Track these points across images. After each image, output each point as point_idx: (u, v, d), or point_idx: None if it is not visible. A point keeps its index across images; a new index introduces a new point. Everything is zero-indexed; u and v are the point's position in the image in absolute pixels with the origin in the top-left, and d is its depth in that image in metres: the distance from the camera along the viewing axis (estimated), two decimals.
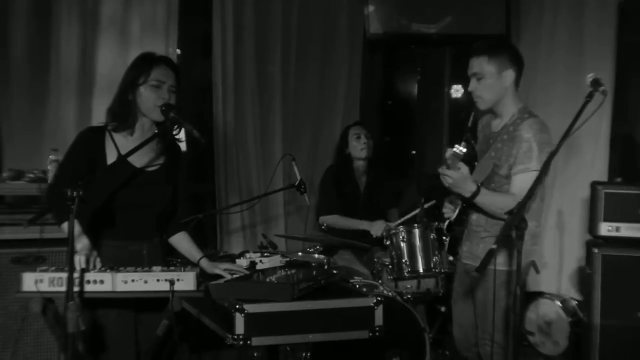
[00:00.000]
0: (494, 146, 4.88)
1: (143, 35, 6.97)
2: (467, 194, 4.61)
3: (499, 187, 4.78)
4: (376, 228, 6.69)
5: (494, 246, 3.88)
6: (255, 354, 5.93)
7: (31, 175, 5.94)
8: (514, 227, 3.84)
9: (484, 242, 4.86)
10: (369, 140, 7.08)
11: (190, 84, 7.93)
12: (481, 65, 4.79)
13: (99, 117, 6.42)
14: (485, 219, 4.86)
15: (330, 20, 8.38)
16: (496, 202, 4.68)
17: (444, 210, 5.06)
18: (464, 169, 4.55)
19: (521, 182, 4.60)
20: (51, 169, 5.95)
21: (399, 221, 6.64)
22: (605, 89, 4.25)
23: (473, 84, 4.85)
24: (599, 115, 4.58)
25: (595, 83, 4.26)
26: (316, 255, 5.91)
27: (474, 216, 4.97)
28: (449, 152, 4.50)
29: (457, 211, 4.95)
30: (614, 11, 7.43)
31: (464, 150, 4.48)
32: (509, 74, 4.76)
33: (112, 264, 3.88)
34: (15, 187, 5.90)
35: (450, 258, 5.91)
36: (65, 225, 3.68)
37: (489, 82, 4.77)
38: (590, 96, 4.22)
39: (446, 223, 5.10)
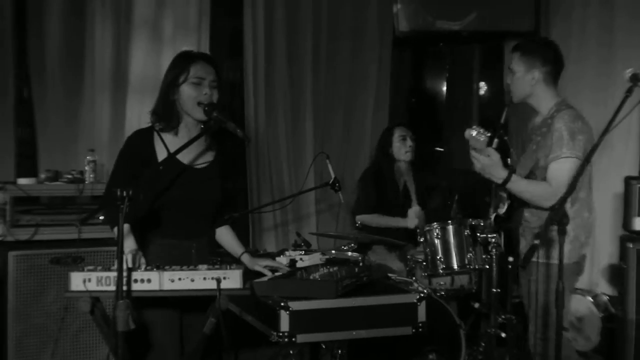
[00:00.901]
0: (535, 140, 5.00)
1: (175, 35, 7.03)
2: (498, 181, 4.73)
3: (541, 179, 4.83)
4: (410, 220, 6.74)
5: (537, 242, 3.92)
6: (291, 351, 5.97)
7: (69, 176, 5.98)
8: (555, 223, 3.86)
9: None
10: (413, 143, 7.09)
11: (224, 79, 7.95)
12: (514, 61, 5.02)
13: (132, 115, 6.58)
14: (537, 217, 4.91)
15: (360, 17, 8.40)
16: (530, 189, 4.81)
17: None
18: (494, 155, 4.69)
19: (554, 170, 4.71)
20: (88, 170, 6.01)
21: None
22: None
23: (508, 78, 5.07)
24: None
25: (635, 78, 4.28)
26: (350, 253, 5.93)
27: (526, 213, 5.03)
28: (467, 133, 4.69)
29: (506, 205, 5.00)
30: None
31: (487, 134, 4.58)
32: (536, 74, 4.92)
33: (161, 263, 3.90)
34: (54, 188, 5.95)
35: (510, 258, 5.85)
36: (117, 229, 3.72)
37: (518, 77, 4.99)
38: (630, 91, 4.24)
39: (493, 216, 5.14)
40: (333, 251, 6.03)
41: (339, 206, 6.89)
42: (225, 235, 4.69)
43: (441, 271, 6.06)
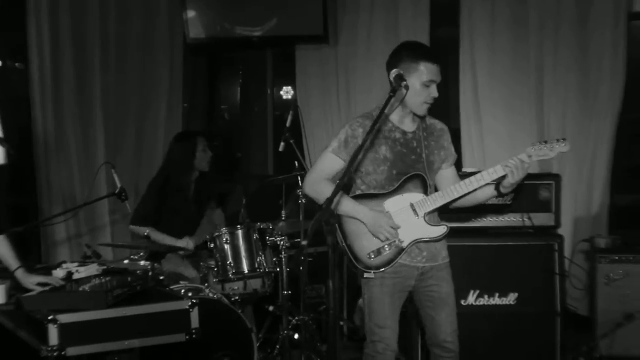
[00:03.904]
0: (422, 144, 4.75)
1: None
2: None
3: (434, 182, 4.78)
4: (185, 243, 6.62)
5: (304, 242, 3.97)
6: None
7: None
8: (323, 222, 3.91)
9: None
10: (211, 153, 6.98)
11: (8, 93, 7.75)
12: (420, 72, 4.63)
13: None
14: None
15: (150, 25, 8.39)
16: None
17: None
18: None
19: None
20: None
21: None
22: (407, 84, 4.38)
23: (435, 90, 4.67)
24: None
25: (399, 78, 4.40)
26: (142, 262, 5.88)
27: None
28: None
29: None
30: (427, 3, 7.97)
31: None
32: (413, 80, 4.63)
33: None
34: None
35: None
36: None
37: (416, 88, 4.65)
38: (393, 91, 4.34)
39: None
40: (126, 261, 5.98)
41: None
42: (1, 248, 4.56)
43: (232, 276, 6.12)
